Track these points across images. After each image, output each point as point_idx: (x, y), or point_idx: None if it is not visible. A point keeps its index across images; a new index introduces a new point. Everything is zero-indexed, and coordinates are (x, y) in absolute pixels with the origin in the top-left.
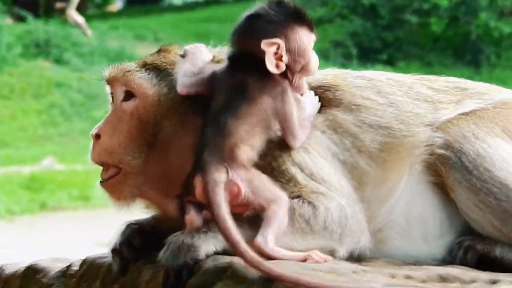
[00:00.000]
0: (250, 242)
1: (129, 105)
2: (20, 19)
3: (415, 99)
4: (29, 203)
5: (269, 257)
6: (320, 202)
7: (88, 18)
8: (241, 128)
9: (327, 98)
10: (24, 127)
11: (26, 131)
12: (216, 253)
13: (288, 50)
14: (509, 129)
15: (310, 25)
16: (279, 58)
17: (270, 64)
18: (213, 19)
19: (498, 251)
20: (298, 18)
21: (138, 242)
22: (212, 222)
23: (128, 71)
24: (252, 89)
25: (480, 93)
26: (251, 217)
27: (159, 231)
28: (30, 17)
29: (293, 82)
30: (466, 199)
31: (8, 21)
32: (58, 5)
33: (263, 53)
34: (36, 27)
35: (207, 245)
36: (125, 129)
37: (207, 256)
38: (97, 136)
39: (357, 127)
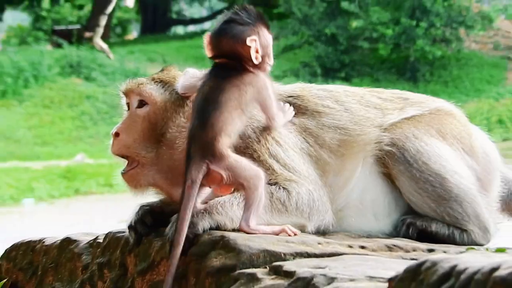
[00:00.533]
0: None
1: (142, 111)
2: (58, 45)
3: (366, 106)
4: (65, 189)
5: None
6: (293, 188)
7: (110, 45)
8: (221, 118)
9: (296, 105)
10: (61, 130)
11: (62, 133)
12: (211, 228)
13: (261, 45)
14: (441, 130)
15: (269, 26)
16: (257, 51)
17: (254, 56)
18: None
19: (434, 227)
20: (262, 20)
21: (149, 220)
22: (207, 205)
23: (141, 84)
24: (231, 80)
25: (418, 102)
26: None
27: (166, 212)
28: (65, 44)
29: (264, 70)
30: (408, 186)
31: (49, 47)
32: (87, 34)
33: (246, 48)
34: (70, 52)
35: (204, 223)
36: (139, 130)
37: (204, 231)
38: (116, 134)
39: (319, 129)
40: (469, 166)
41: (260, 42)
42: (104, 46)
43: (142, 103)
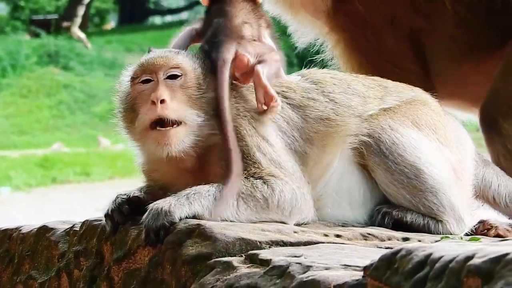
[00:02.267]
0: None
1: (178, 81)
2: (36, 35)
3: (351, 94)
4: (42, 178)
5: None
6: (277, 185)
7: (88, 34)
8: (239, 14)
9: (283, 97)
10: (39, 119)
11: (40, 122)
12: (187, 217)
13: None
14: (417, 121)
15: None
16: None
17: None
18: None
19: (409, 217)
20: None
21: (126, 210)
22: (185, 192)
23: (171, 58)
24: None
25: (396, 91)
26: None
27: (143, 201)
28: (43, 34)
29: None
30: (383, 178)
31: (26, 37)
32: (65, 24)
33: None
34: (48, 41)
35: (181, 211)
36: (183, 97)
37: (180, 220)
38: (162, 101)
39: (304, 121)
40: (444, 157)
41: None
42: (82, 35)
43: (175, 76)
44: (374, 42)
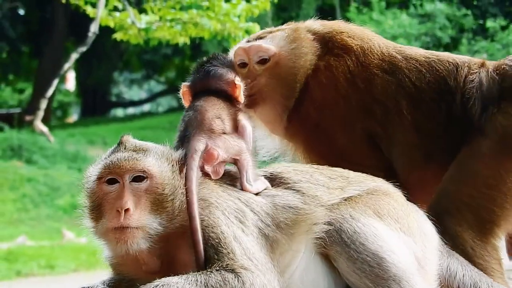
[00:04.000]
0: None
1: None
2: None
3: (315, 184)
4: (7, 271)
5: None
6: (248, 278)
7: (51, 128)
8: (211, 109)
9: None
10: (2, 212)
11: (4, 216)
12: None
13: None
14: (379, 211)
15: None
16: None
17: (242, 95)
18: (148, 127)
19: None
20: (233, 65)
21: None
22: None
23: (137, 160)
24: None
25: (358, 181)
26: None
27: None
28: (6, 127)
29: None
30: (346, 267)
31: None
32: (27, 118)
33: (233, 87)
34: (11, 135)
35: None
36: (144, 203)
37: None
38: (126, 210)
39: (274, 208)
40: (407, 246)
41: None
42: (45, 129)
43: (141, 178)
44: (326, 143)
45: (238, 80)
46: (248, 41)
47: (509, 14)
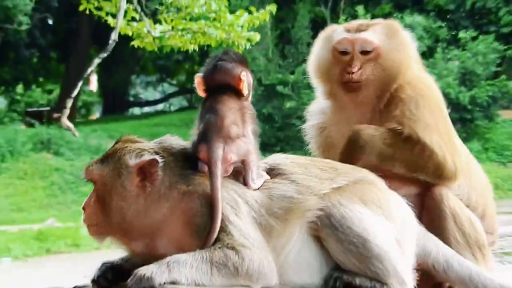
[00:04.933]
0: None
1: None
2: (30, 125)
3: (309, 176)
4: (38, 249)
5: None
6: (246, 254)
7: (76, 124)
8: (229, 114)
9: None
10: (34, 198)
11: (35, 201)
12: (165, 283)
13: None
14: (363, 198)
15: (249, 68)
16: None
17: (246, 87)
18: (161, 124)
19: (358, 281)
20: (245, 61)
21: (110, 276)
22: (167, 260)
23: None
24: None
25: (346, 172)
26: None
27: (125, 268)
28: (37, 124)
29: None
30: (335, 248)
31: (22, 126)
32: (55, 115)
33: (238, 81)
34: (41, 130)
35: (161, 278)
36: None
37: (160, 285)
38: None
39: (269, 199)
40: (388, 229)
41: (247, 77)
42: (70, 125)
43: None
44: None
45: (243, 75)
46: (348, 31)
47: (479, 26)
